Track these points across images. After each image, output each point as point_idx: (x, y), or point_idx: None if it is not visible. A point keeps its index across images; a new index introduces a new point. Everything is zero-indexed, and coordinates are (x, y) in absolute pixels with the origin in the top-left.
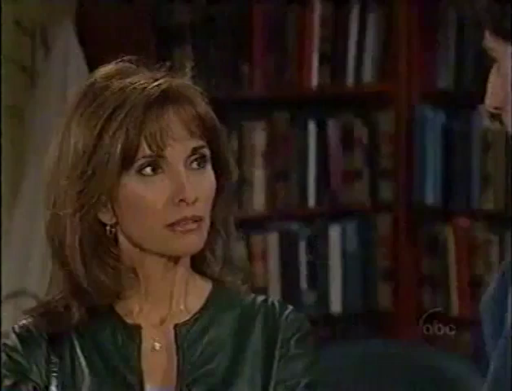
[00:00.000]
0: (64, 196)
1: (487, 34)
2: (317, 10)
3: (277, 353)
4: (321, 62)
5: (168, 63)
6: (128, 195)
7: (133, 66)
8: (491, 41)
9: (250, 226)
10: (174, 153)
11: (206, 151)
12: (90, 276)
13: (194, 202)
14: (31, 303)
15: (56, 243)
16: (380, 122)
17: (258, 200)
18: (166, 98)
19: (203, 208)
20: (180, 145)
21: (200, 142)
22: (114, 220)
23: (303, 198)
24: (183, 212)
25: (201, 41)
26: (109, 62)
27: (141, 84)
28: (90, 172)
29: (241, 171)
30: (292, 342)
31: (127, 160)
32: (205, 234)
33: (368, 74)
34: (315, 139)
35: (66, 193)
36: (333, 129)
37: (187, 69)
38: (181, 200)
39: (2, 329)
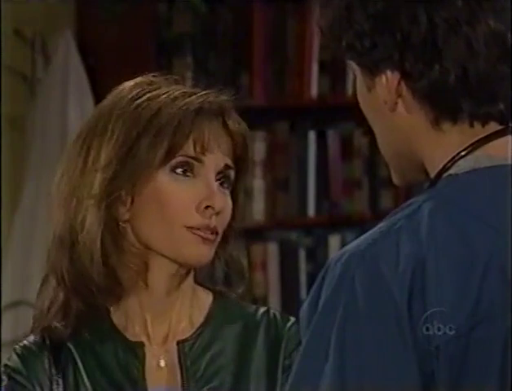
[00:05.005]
0: (92, 183)
1: None
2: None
3: (281, 366)
4: (321, 71)
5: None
6: (157, 191)
7: (168, 79)
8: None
9: (250, 235)
10: (212, 161)
11: (232, 174)
12: (107, 269)
13: (218, 213)
14: (31, 313)
15: (67, 236)
16: None
17: (257, 210)
18: (215, 109)
19: (223, 223)
20: (221, 155)
21: (231, 163)
22: (127, 217)
23: (303, 207)
24: (206, 219)
25: (201, 51)
26: (109, 72)
27: (188, 91)
28: (127, 162)
29: None
30: (295, 354)
31: (168, 156)
32: (214, 249)
33: None
34: (315, 149)
35: (95, 179)
36: (332, 138)
37: (226, 93)
38: (208, 207)
39: (2, 339)
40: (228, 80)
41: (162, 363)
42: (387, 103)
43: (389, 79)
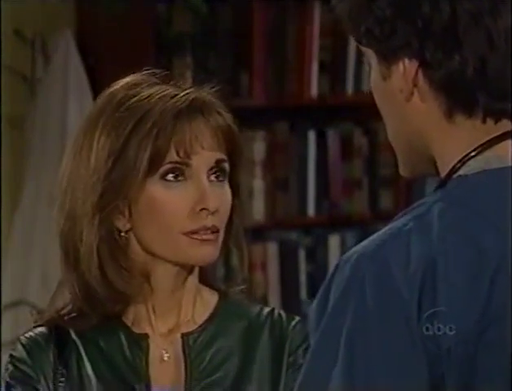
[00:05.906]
0: (84, 199)
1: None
2: (317, 20)
3: (285, 363)
4: (321, 71)
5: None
6: (150, 200)
7: (153, 78)
8: (362, 47)
9: (250, 235)
10: (200, 162)
11: (227, 166)
12: (105, 281)
13: (214, 213)
14: (31, 313)
15: (70, 248)
16: (380, 131)
17: (257, 209)
18: (196, 107)
19: (221, 220)
20: (207, 154)
21: (223, 156)
22: (128, 226)
23: (303, 207)
24: (203, 221)
25: (201, 51)
26: (109, 72)
27: (170, 92)
28: (114, 175)
29: None
30: (299, 352)
31: (154, 165)
32: (220, 246)
33: (367, 83)
34: (315, 148)
35: (87, 196)
36: (332, 138)
37: (209, 86)
38: (202, 209)
39: (2, 339)
40: (228, 80)
41: (166, 355)
42: (403, 92)
43: (406, 67)
